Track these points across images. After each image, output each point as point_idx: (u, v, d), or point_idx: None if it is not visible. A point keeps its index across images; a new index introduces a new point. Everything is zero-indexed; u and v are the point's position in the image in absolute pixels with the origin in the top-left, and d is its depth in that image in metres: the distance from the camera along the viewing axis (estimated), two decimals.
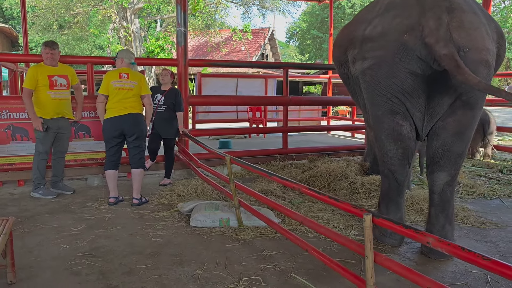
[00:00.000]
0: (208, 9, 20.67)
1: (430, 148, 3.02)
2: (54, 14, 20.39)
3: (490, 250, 3.14)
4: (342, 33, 3.70)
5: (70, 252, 3.03)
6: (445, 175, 2.97)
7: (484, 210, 4.12)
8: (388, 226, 1.97)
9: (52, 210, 4.02)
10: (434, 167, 3.00)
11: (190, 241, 3.27)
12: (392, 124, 2.95)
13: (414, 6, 2.79)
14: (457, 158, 2.97)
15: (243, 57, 24.55)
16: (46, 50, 4.40)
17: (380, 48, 2.87)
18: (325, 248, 3.12)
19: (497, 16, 28.37)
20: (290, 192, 4.47)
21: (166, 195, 4.52)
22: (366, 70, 2.99)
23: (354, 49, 3.16)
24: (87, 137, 5.02)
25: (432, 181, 3.02)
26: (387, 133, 2.99)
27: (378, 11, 3.01)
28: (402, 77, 2.80)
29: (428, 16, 2.68)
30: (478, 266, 1.53)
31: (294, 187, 2.63)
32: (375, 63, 2.90)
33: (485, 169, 5.81)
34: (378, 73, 2.89)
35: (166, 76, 5.09)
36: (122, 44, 19.49)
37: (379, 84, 2.91)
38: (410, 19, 2.75)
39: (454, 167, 2.99)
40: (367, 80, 3.00)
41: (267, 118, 10.47)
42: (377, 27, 2.93)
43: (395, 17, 2.84)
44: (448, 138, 2.93)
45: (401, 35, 2.75)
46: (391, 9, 2.91)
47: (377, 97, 2.96)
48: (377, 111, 3.01)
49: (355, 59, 3.14)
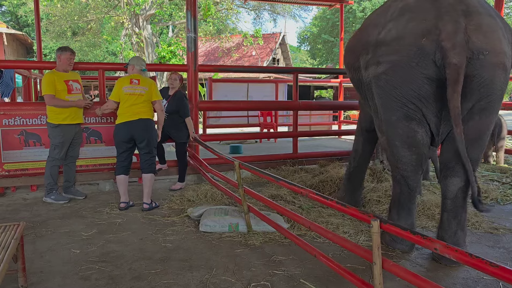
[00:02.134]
0: (219, 14, 20.81)
1: (445, 153, 2.98)
2: (68, 21, 20.75)
3: (503, 256, 3.09)
4: (354, 38, 3.64)
5: (81, 257, 3.06)
6: (459, 181, 2.93)
7: (497, 215, 4.05)
8: (395, 232, 1.96)
9: (63, 215, 4.07)
10: (448, 172, 2.96)
11: (199, 246, 3.28)
12: (407, 130, 2.91)
13: (429, 9, 2.75)
14: (474, 164, 2.96)
15: (254, 62, 24.63)
16: (67, 55, 4.49)
17: (395, 52, 2.81)
18: (334, 254, 3.10)
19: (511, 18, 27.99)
20: (300, 197, 4.45)
21: (176, 200, 4.54)
22: (380, 75, 2.93)
23: (367, 54, 3.11)
24: (98, 142, 5.08)
25: (445, 186, 2.98)
26: (402, 139, 2.94)
27: (392, 15, 2.96)
28: (418, 82, 2.75)
29: (446, 19, 2.63)
30: (486, 273, 1.51)
31: (302, 192, 2.63)
32: (390, 67, 2.85)
33: (498, 173, 5.72)
34: (393, 78, 2.84)
35: (175, 80, 5.14)
36: (134, 50, 19.72)
37: (394, 89, 2.85)
38: (426, 22, 2.71)
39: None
40: (382, 85, 2.95)
41: (278, 123, 10.46)
42: (391, 31, 2.87)
43: (410, 20, 2.79)
44: (465, 143, 2.89)
45: (418, 39, 2.70)
46: (406, 13, 2.85)
47: (392, 102, 2.91)
48: (391, 116, 2.95)
49: (368, 64, 3.09)
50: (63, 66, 4.50)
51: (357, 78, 3.49)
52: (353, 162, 4.31)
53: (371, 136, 4.14)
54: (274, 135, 9.18)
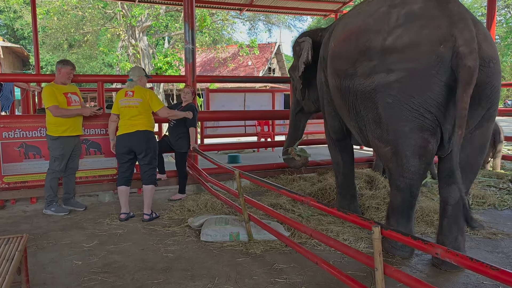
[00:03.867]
0: (215, 25, 20.98)
1: (451, 160, 2.96)
2: (64, 33, 20.84)
3: (502, 261, 3.12)
4: (344, 43, 3.36)
5: (83, 268, 3.07)
6: (462, 187, 2.97)
7: (495, 220, 4.09)
8: (397, 238, 1.99)
9: (64, 227, 4.07)
10: (452, 179, 2.95)
11: (201, 256, 3.29)
12: (420, 141, 2.84)
13: (440, 17, 2.73)
14: (477, 170, 3.04)
15: (250, 71, 24.77)
16: (68, 69, 4.55)
17: (411, 60, 2.73)
18: (335, 261, 3.12)
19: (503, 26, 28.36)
20: (300, 205, 4.48)
21: (176, 210, 4.56)
22: (392, 83, 2.81)
23: (370, 61, 2.95)
24: (98, 154, 5.10)
25: (448, 192, 3.01)
26: (413, 150, 2.87)
27: (396, 21, 2.86)
28: (437, 90, 2.70)
29: (461, 27, 2.64)
30: (487, 276, 1.54)
31: (303, 201, 2.66)
32: (406, 75, 2.75)
33: (495, 179, 5.77)
34: (409, 86, 2.75)
35: (187, 94, 5.28)
36: (131, 61, 19.80)
37: (410, 98, 2.76)
38: (440, 29, 2.68)
39: (472, 179, 3.05)
40: (394, 94, 2.82)
41: (275, 132, 10.52)
42: (402, 37, 2.79)
43: (423, 27, 2.74)
44: (473, 151, 2.94)
45: (436, 46, 2.66)
46: (415, 19, 2.79)
47: (405, 112, 2.80)
48: (403, 127, 2.85)
49: (372, 71, 2.94)
50: (62, 79, 4.54)
51: (345, 85, 3.27)
52: (339, 175, 4.32)
53: (344, 145, 4.21)
54: (271, 144, 9.22)
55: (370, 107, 3.06)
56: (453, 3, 2.80)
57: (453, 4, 2.79)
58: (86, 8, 19.21)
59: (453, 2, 2.81)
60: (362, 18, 3.18)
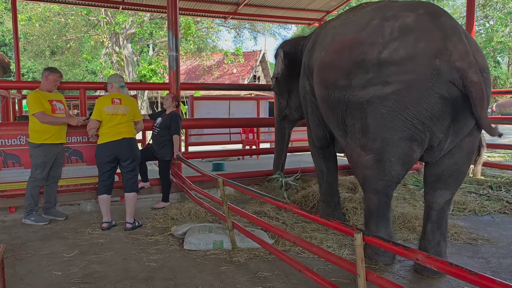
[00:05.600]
0: (200, 33, 21.00)
1: (439, 166, 3.04)
2: (46, 40, 20.60)
3: (482, 266, 3.17)
4: (335, 54, 3.31)
5: (63, 279, 3.00)
6: (448, 194, 3.05)
7: (475, 226, 4.16)
8: (378, 244, 2.00)
9: (44, 237, 3.99)
10: (439, 185, 3.04)
11: (184, 265, 3.26)
12: (407, 150, 2.90)
13: (434, 30, 2.77)
14: (464, 177, 3.10)
15: (235, 79, 24.83)
16: (55, 76, 4.52)
17: (408, 73, 2.77)
18: (319, 268, 3.12)
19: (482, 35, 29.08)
20: (284, 213, 4.48)
21: (159, 218, 4.51)
22: (389, 95, 2.84)
23: (365, 73, 2.94)
24: (79, 162, 5.02)
25: (433, 198, 3.06)
26: (399, 157, 2.92)
27: (391, 34, 2.88)
28: (432, 102, 2.75)
29: (455, 40, 2.70)
30: (466, 281, 1.56)
31: (286, 208, 2.66)
32: (403, 88, 2.79)
33: (476, 185, 5.87)
34: (405, 99, 2.79)
35: (167, 100, 5.27)
36: (114, 68, 19.66)
37: (405, 109, 2.80)
38: (435, 43, 2.73)
39: (458, 185, 3.10)
40: (389, 105, 2.85)
41: (260, 140, 10.52)
42: (398, 50, 2.81)
43: (418, 40, 2.78)
44: (461, 158, 3.01)
45: (432, 59, 2.71)
46: (409, 33, 2.83)
47: (398, 122, 2.85)
48: (393, 136, 2.89)
49: (368, 83, 2.94)
50: (49, 86, 4.48)
51: (335, 96, 3.24)
52: (323, 183, 4.36)
53: (328, 153, 4.26)
54: (256, 152, 9.23)
55: (358, 117, 3.06)
56: (445, 17, 2.85)
57: (445, 17, 2.85)
58: (69, 15, 19.04)
59: (445, 15, 2.87)
60: (353, 30, 3.17)
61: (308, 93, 4.03)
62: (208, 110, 10.74)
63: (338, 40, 3.33)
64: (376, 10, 3.15)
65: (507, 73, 34.99)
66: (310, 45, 4.05)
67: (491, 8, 27.78)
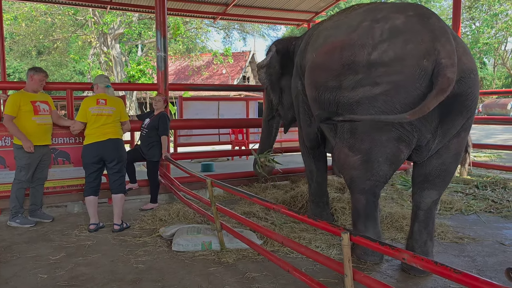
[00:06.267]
0: (189, 33, 20.93)
1: (426, 166, 3.07)
2: (32, 40, 20.37)
3: (468, 264, 3.21)
4: (325, 55, 3.31)
5: (49, 281, 2.96)
6: (435, 194, 3.08)
7: (461, 225, 4.21)
8: (365, 244, 2.01)
9: (29, 239, 3.93)
10: (426, 185, 3.07)
11: (172, 266, 3.24)
12: (395, 150, 2.93)
13: (423, 31, 2.80)
14: (451, 177, 3.13)
15: (224, 80, 24.79)
16: (41, 76, 4.46)
17: (397, 73, 2.80)
18: (307, 268, 3.13)
19: (468, 36, 29.46)
20: (273, 213, 4.48)
21: (147, 220, 4.48)
22: (378, 96, 2.86)
23: (355, 75, 2.96)
24: (66, 163, 4.97)
25: (421, 198, 3.09)
26: (387, 157, 2.95)
27: (380, 36, 2.91)
28: (420, 102, 2.74)
29: (443, 41, 2.73)
30: (451, 279, 1.58)
31: (274, 208, 2.66)
32: (392, 88, 2.81)
33: (462, 185, 5.95)
34: (394, 99, 2.82)
35: (159, 102, 5.23)
36: (103, 69, 19.51)
37: (394, 110, 2.82)
38: (424, 44, 2.76)
39: (445, 185, 3.13)
40: (378, 106, 2.87)
41: (249, 140, 10.52)
42: (387, 52, 2.84)
43: (407, 42, 2.81)
44: (449, 158, 3.03)
45: (420, 60, 2.74)
46: (399, 35, 2.86)
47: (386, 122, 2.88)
48: (381, 136, 2.93)
49: (358, 84, 2.96)
50: (34, 86, 4.43)
51: (325, 97, 3.24)
52: (312, 183, 4.38)
53: (318, 153, 4.27)
54: (245, 153, 9.22)
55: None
56: (433, 18, 2.89)
57: (434, 19, 2.88)
58: (56, 15, 18.84)
59: (434, 17, 2.91)
60: (344, 32, 3.19)
61: (300, 93, 4.05)
62: (197, 111, 10.71)
63: (329, 41, 3.34)
64: (367, 12, 3.18)
65: (493, 74, 35.54)
66: (303, 45, 4.06)
67: (477, 10, 28.13)
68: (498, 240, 3.75)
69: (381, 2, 3.44)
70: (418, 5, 3.25)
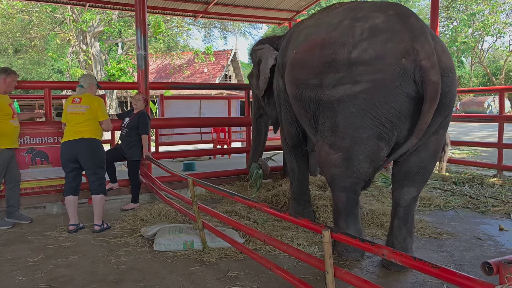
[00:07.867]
0: (170, 32, 20.76)
1: (405, 164, 3.11)
2: (9, 37, 19.89)
3: (446, 259, 3.27)
4: (305, 53, 3.34)
5: (27, 284, 2.91)
6: (414, 191, 3.12)
7: (440, 221, 4.29)
8: (346, 241, 2.04)
9: (7, 241, 3.85)
10: (405, 182, 3.11)
11: (154, 266, 3.22)
12: (375, 148, 2.96)
13: (402, 31, 2.84)
14: (429, 174, 3.17)
15: (206, 78, 24.68)
16: (13, 77, 4.38)
17: (377, 72, 2.83)
18: (289, 266, 3.15)
19: (446, 36, 30.02)
20: (255, 212, 4.49)
21: (128, 220, 4.43)
22: (358, 94, 2.89)
23: (336, 73, 2.98)
24: (45, 163, 4.87)
25: (400, 195, 3.14)
26: (367, 155, 2.99)
27: (361, 35, 2.94)
28: (400, 101, 2.82)
29: (422, 41, 2.77)
30: (429, 274, 1.61)
31: (256, 207, 2.67)
32: (372, 86, 2.85)
33: (441, 181, 6.06)
34: (374, 97, 2.85)
35: (139, 101, 5.17)
36: (82, 67, 19.17)
37: (374, 108, 2.86)
38: (403, 43, 2.80)
39: (424, 182, 3.18)
40: (359, 104, 2.89)
41: (231, 139, 10.51)
42: (367, 50, 2.87)
43: (387, 41, 2.84)
44: (427, 156, 3.07)
45: (399, 59, 2.78)
46: (379, 34, 2.90)
47: (366, 120, 2.90)
48: (361, 133, 2.95)
49: (338, 82, 2.98)
50: (8, 89, 4.36)
51: (306, 95, 3.27)
52: (294, 181, 4.39)
53: (300, 151, 4.29)
54: (227, 151, 9.22)
55: (329, 116, 3.11)
56: (413, 18, 2.93)
57: (413, 19, 2.93)
58: (33, 12, 18.40)
59: (413, 17, 2.95)
60: (325, 30, 3.22)
61: (281, 92, 4.05)
62: (178, 110, 10.63)
63: (310, 39, 3.36)
64: (348, 11, 3.21)
65: (470, 72, 36.34)
66: (284, 44, 4.08)
67: (454, 10, 28.69)
68: (475, 235, 3.84)
69: (362, 1, 3.47)
70: (398, 4, 3.29)
